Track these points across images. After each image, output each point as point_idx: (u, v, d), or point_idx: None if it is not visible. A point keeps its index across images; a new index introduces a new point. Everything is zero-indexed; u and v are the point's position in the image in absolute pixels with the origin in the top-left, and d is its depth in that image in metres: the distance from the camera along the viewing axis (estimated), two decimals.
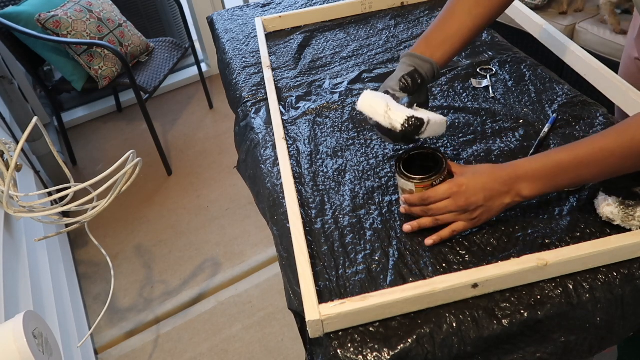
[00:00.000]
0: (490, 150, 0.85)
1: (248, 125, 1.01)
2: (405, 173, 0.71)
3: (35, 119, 0.92)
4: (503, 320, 0.61)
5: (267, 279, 1.65)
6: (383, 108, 0.71)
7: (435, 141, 0.89)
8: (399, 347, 0.59)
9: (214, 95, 2.58)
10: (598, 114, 0.89)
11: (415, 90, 0.76)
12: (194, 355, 1.45)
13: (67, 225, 1.18)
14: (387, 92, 0.76)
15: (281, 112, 1.01)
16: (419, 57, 0.77)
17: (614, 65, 0.99)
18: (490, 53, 1.11)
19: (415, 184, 0.70)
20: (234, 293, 1.62)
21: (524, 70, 1.04)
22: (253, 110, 1.03)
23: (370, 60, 1.15)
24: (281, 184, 0.82)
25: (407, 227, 0.72)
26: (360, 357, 0.59)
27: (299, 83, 1.10)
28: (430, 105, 0.98)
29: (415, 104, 0.78)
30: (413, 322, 0.61)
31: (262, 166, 0.90)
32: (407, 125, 0.69)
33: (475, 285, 0.61)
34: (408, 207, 0.73)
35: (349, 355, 0.59)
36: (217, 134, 2.36)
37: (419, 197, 0.70)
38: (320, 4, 1.42)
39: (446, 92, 1.01)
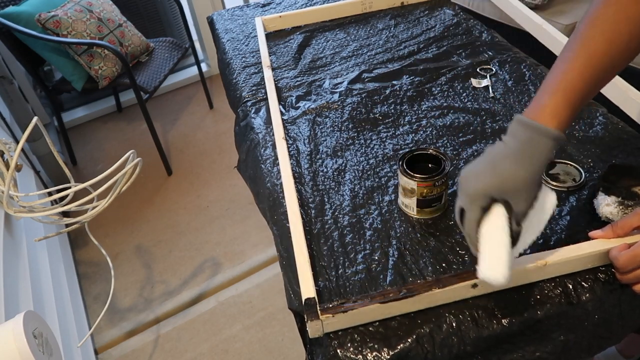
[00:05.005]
0: None
1: (248, 125, 1.01)
2: (408, 172, 0.71)
3: (35, 119, 0.92)
4: (503, 320, 0.61)
5: (267, 279, 1.65)
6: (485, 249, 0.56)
7: (435, 141, 0.89)
8: (399, 347, 0.59)
9: (214, 95, 2.58)
10: (598, 114, 0.89)
11: None
12: (194, 355, 1.45)
13: (67, 225, 1.19)
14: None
15: (281, 111, 1.01)
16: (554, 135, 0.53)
17: None
18: (490, 53, 1.11)
19: (417, 183, 0.70)
20: (234, 293, 1.62)
21: (524, 70, 1.04)
22: (253, 110, 1.03)
23: (370, 60, 1.15)
24: (281, 183, 0.82)
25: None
26: (360, 356, 0.59)
27: (299, 83, 1.10)
28: (429, 105, 0.98)
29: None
30: (413, 322, 0.61)
31: (262, 166, 0.90)
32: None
33: (474, 285, 0.61)
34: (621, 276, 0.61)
35: (348, 355, 0.59)
36: (217, 134, 2.36)
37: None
38: (320, 4, 1.42)
39: (446, 92, 1.01)
